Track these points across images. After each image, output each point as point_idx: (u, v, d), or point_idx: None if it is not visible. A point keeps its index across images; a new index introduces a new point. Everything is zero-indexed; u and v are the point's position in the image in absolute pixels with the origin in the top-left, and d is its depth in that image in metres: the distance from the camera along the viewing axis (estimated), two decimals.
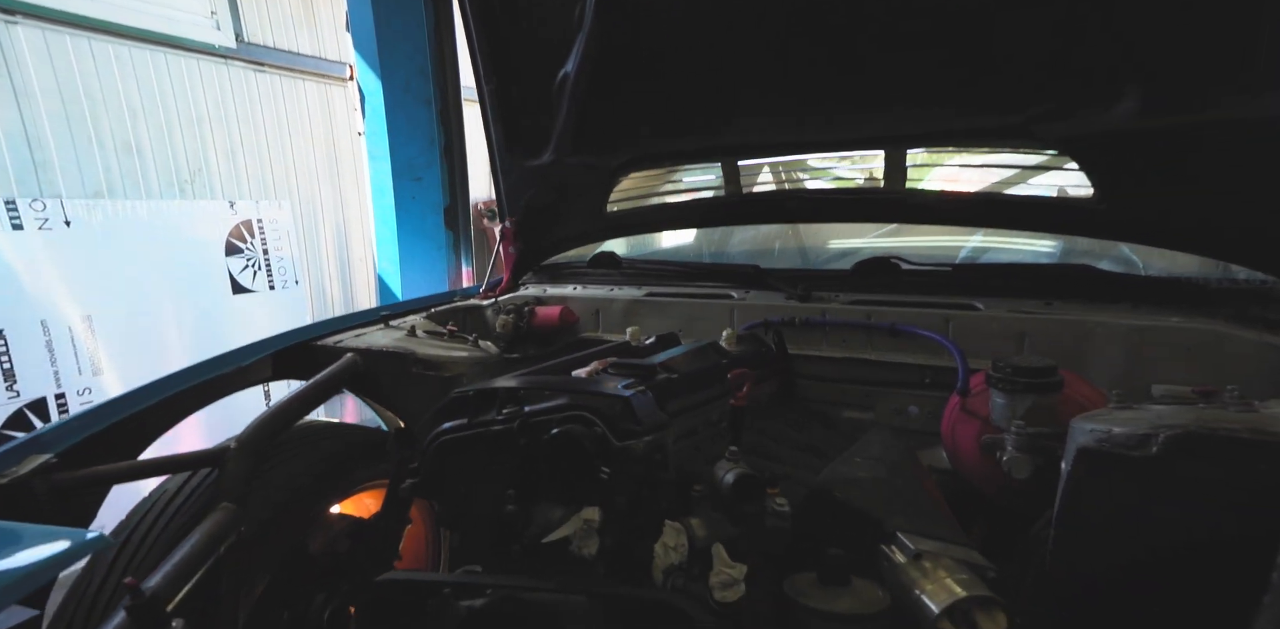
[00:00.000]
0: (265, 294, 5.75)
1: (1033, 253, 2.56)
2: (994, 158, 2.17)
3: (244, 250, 5.56)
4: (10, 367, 3.91)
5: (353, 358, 1.84)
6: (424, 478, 1.14)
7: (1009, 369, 1.41)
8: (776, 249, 3.18)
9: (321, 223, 6.25)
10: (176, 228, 4.85)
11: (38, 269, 4.07)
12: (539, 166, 2.74)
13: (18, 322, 3.97)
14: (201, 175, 5.09)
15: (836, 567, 0.95)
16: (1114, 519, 1.05)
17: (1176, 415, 1.05)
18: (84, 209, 4.28)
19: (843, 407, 2.03)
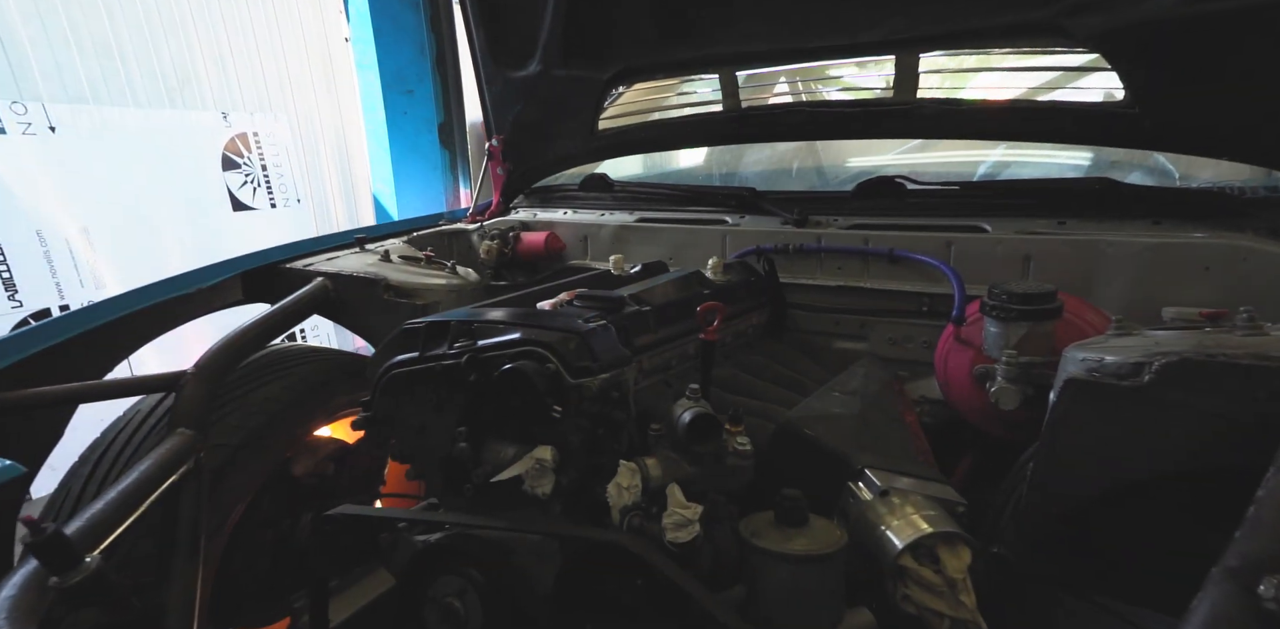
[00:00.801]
0: (267, 212, 5.65)
1: (1061, 167, 2.38)
2: (1016, 61, 1.96)
3: (241, 166, 5.41)
4: (10, 277, 3.92)
5: (323, 282, 1.78)
6: (374, 412, 1.11)
7: (1003, 295, 1.31)
8: (795, 169, 3.01)
9: (321, 138, 6.02)
10: (169, 139, 4.69)
11: (26, 177, 4.00)
12: (525, 78, 2.56)
13: (12, 231, 3.94)
14: (191, 84, 4.86)
15: (792, 507, 0.91)
16: (1098, 452, 1.01)
17: (1176, 341, 0.98)
18: (68, 115, 4.13)
19: (836, 337, 1.96)
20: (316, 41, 5.43)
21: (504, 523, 0.96)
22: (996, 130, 2.00)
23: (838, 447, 1.07)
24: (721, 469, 0.98)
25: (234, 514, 1.62)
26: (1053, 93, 1.94)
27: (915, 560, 0.95)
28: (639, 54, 2.34)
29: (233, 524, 1.61)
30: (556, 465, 1.00)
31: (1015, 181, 2.07)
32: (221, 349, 1.46)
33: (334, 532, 1.01)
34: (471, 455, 0.99)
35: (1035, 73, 1.96)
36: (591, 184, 2.61)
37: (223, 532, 1.54)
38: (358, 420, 1.13)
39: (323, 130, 5.87)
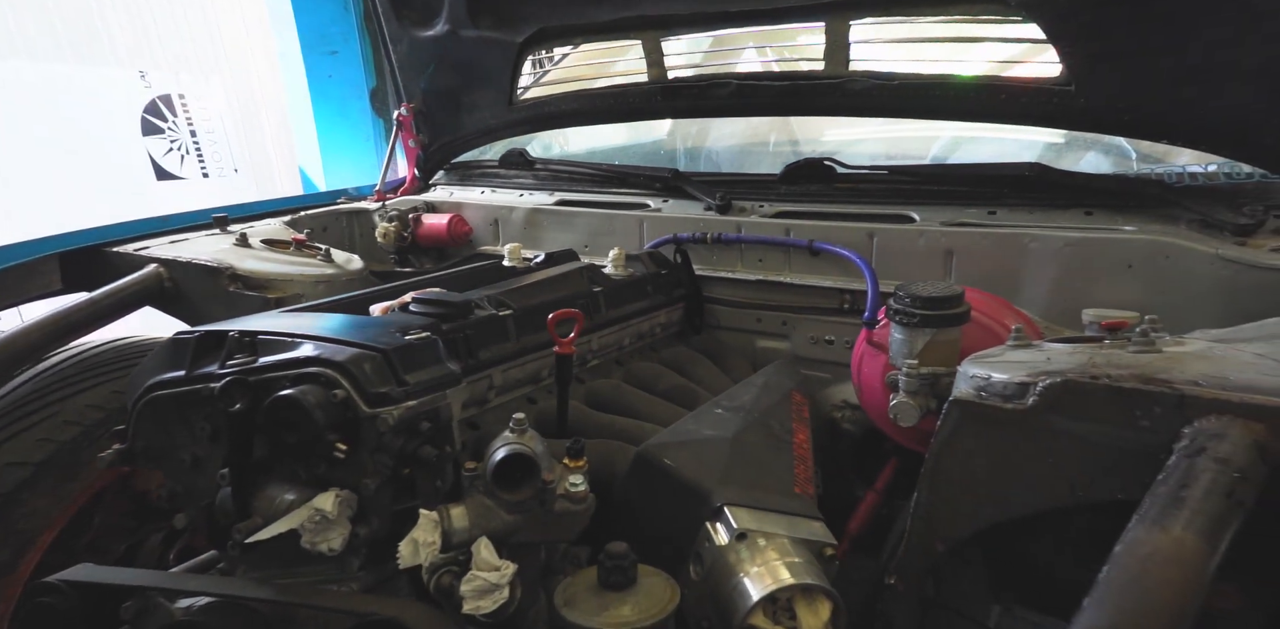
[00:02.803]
0: (198, 182, 5.26)
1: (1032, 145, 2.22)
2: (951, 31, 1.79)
3: (165, 131, 5.01)
4: None
5: (156, 270, 1.56)
6: (131, 443, 0.92)
7: (906, 298, 1.17)
8: (772, 144, 2.80)
9: (261, 103, 5.61)
10: (75, 98, 4.28)
11: None
12: (433, 39, 2.33)
13: None
14: (100, 37, 4.42)
15: (613, 568, 0.76)
16: (984, 483, 0.90)
17: (1066, 359, 0.88)
18: None
19: (758, 336, 1.81)
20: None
21: (263, 591, 0.79)
22: (929, 108, 1.84)
23: (696, 479, 0.92)
24: (547, 516, 0.82)
25: (37, 544, 1.41)
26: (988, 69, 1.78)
27: (769, 617, 0.82)
28: (554, 15, 2.12)
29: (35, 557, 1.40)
30: (353, 514, 0.82)
31: (944, 166, 1.92)
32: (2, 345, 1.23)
33: (59, 603, 0.82)
34: (236, 505, 0.81)
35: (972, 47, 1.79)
36: (510, 161, 2.40)
37: (15, 569, 1.32)
38: (108, 455, 0.93)
39: (262, 94, 5.46)
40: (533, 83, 2.36)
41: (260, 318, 0.98)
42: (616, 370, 1.38)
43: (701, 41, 2.09)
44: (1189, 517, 0.63)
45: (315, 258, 1.75)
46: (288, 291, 1.56)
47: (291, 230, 1.96)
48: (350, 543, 0.83)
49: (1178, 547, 0.61)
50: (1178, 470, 0.69)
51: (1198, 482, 0.66)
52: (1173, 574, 0.59)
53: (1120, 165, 1.94)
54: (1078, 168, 2.15)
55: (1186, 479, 0.67)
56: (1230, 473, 0.67)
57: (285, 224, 2.09)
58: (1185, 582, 0.58)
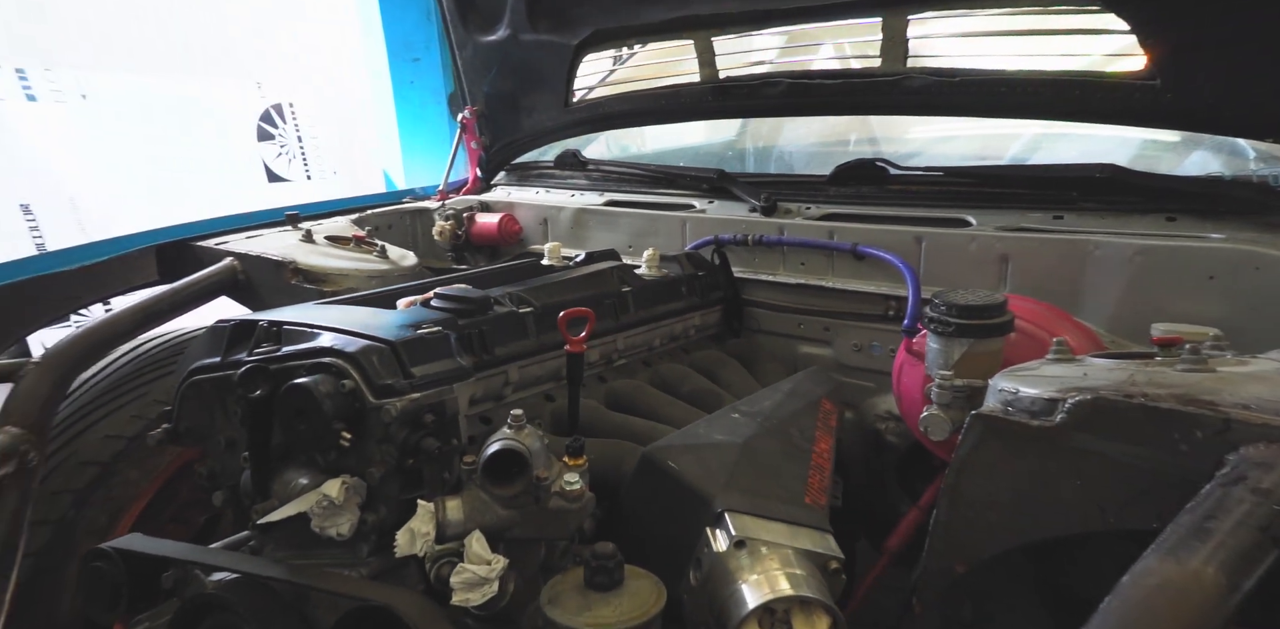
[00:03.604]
0: (303, 184, 5.63)
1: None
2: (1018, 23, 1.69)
3: (276, 137, 5.39)
4: (43, 243, 3.97)
5: (231, 263, 1.68)
6: (176, 424, 0.99)
7: (943, 306, 1.11)
8: (851, 142, 2.73)
9: (356, 109, 5.92)
10: (202, 108, 4.67)
11: (58, 144, 4.03)
12: (496, 43, 2.40)
13: (46, 199, 3.98)
14: (225, 52, 4.80)
15: (598, 569, 0.76)
16: (1006, 502, 0.86)
17: (1104, 375, 0.82)
18: (99, 82, 4.13)
19: (800, 341, 1.76)
20: (352, 7, 5.31)
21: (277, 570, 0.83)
22: (994, 106, 1.74)
23: (699, 484, 0.91)
24: (542, 513, 0.83)
25: (130, 512, 1.55)
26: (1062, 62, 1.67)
27: (764, 627, 0.80)
28: (608, 17, 2.14)
29: (127, 523, 1.54)
30: (363, 501, 0.86)
31: (1005, 167, 1.81)
32: (80, 337, 1.34)
33: (107, 569, 0.89)
34: (255, 487, 0.86)
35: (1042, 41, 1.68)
36: (564, 162, 2.44)
37: (111, 532, 1.46)
38: (156, 433, 1.01)
39: (357, 101, 5.77)
40: (598, 83, 2.39)
41: (295, 309, 1.04)
42: (643, 371, 1.37)
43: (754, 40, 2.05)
44: (1212, 549, 0.57)
45: (371, 254, 1.84)
46: (343, 285, 1.64)
47: (355, 228, 2.06)
48: (359, 529, 0.87)
49: (1192, 580, 0.55)
50: (1209, 499, 0.63)
51: (1229, 513, 0.60)
52: (1183, 610, 0.54)
53: (1234, 166, 1.77)
54: (1181, 169, 1.98)
55: (1216, 509, 0.61)
56: (1270, 506, 0.60)
57: (351, 222, 2.20)
58: (1196, 618, 0.53)
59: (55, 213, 4.08)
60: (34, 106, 3.92)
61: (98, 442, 1.53)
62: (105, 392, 1.61)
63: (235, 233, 2.01)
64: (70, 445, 1.54)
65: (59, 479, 1.55)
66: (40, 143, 3.97)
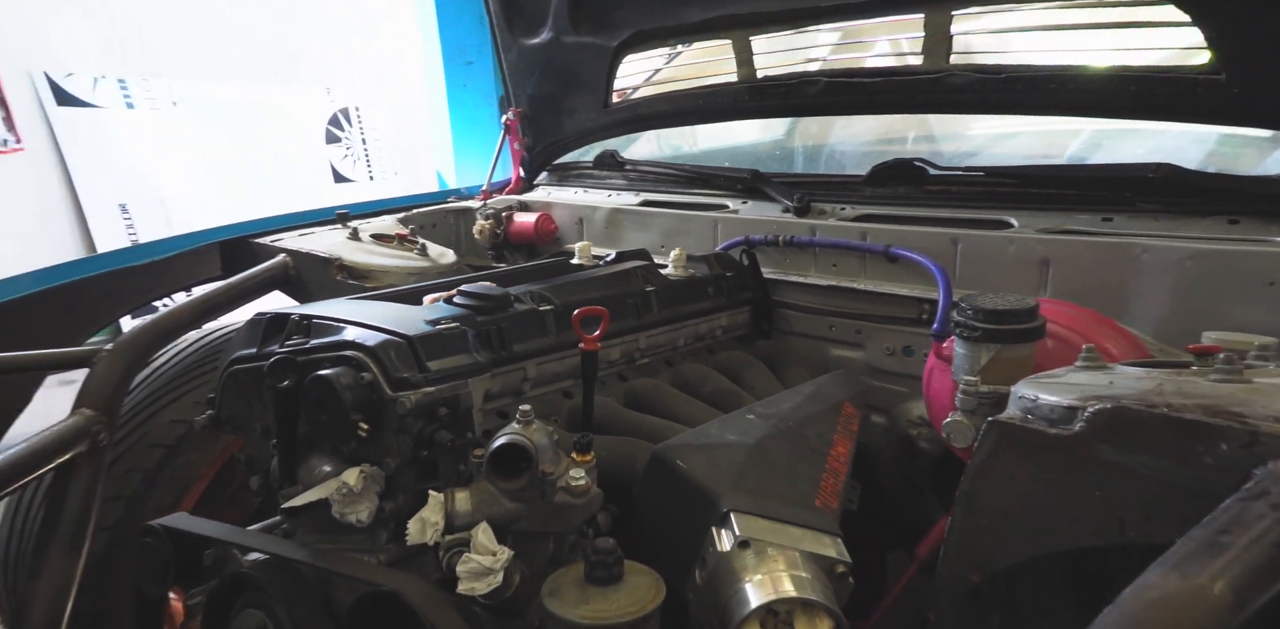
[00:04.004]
0: (365, 184, 5.87)
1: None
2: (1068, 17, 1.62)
3: (343, 139, 5.64)
4: (136, 238, 4.26)
5: (284, 259, 1.77)
6: (218, 411, 1.05)
7: (969, 310, 1.08)
8: (910, 140, 2.68)
9: (415, 113, 6.15)
10: (277, 113, 4.96)
11: (151, 148, 4.35)
12: (539, 46, 2.45)
13: (140, 198, 4.29)
14: (298, 60, 5.07)
15: (597, 563, 0.77)
16: (1021, 512, 0.83)
17: (1131, 383, 0.79)
18: (188, 90, 4.44)
19: (831, 344, 1.74)
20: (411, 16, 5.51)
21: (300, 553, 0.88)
22: (1043, 104, 1.68)
23: (706, 483, 0.91)
24: (547, 507, 0.85)
25: (192, 491, 1.66)
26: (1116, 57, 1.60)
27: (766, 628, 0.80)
28: (648, 17, 2.16)
29: (190, 502, 1.65)
30: (382, 490, 0.90)
31: (1049, 167, 1.74)
32: (148, 327, 1.44)
33: (156, 545, 0.96)
34: (282, 473, 0.91)
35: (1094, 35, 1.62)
36: (602, 162, 2.47)
37: (176, 510, 1.57)
38: (200, 419, 1.07)
39: (415, 105, 5.98)
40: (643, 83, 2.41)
41: (328, 304, 1.09)
42: (665, 370, 1.38)
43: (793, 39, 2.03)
44: (1222, 565, 0.54)
45: (412, 252, 1.90)
46: (384, 282, 1.71)
47: (400, 226, 2.13)
48: (377, 516, 0.90)
49: (1195, 596, 0.52)
50: (1225, 514, 0.59)
51: (1246, 528, 0.57)
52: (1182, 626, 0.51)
53: None
54: (1262, 169, 1.87)
55: (1232, 524, 0.58)
56: None
57: (397, 221, 2.27)
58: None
59: (148, 211, 4.39)
60: (132, 113, 4.26)
61: (165, 425, 1.65)
62: (172, 379, 1.73)
63: (290, 230, 2.11)
64: (141, 428, 1.67)
65: (131, 459, 1.68)
66: (136, 147, 4.30)
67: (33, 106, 3.85)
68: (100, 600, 1.59)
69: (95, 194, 4.16)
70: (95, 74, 4.11)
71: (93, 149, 4.13)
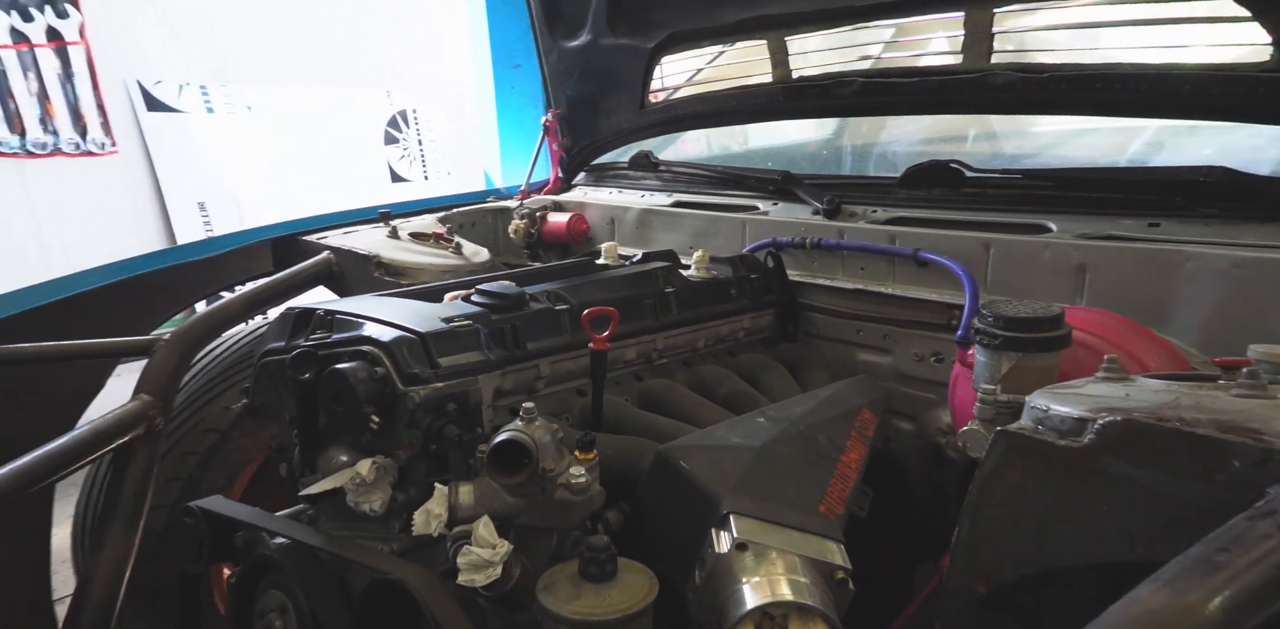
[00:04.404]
0: (420, 184, 6.07)
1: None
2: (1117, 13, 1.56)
3: (400, 140, 5.85)
4: (212, 233, 4.54)
5: (327, 256, 1.84)
6: (253, 399, 1.10)
7: (990, 317, 1.05)
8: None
9: (470, 114, 6.32)
10: (341, 115, 5.21)
11: (228, 150, 4.65)
12: (578, 49, 2.48)
13: (217, 198, 4.59)
14: (359, 64, 5.30)
15: (590, 560, 0.79)
16: (1028, 525, 0.82)
17: (1149, 395, 0.77)
18: (262, 95, 4.72)
19: (858, 348, 1.71)
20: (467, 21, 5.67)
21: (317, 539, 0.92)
22: (1090, 103, 1.61)
23: (709, 484, 0.91)
24: (548, 504, 0.87)
25: (243, 475, 1.75)
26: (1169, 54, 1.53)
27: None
28: (683, 19, 2.17)
29: (241, 486, 1.74)
30: (395, 481, 0.93)
31: (1092, 170, 1.67)
32: (200, 319, 1.53)
33: (193, 525, 1.02)
34: (302, 462, 0.95)
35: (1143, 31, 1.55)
36: (638, 162, 2.49)
37: (230, 492, 1.66)
38: (236, 407, 1.13)
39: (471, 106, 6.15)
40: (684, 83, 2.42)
41: (354, 300, 1.14)
42: (683, 371, 1.39)
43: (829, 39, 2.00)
44: (1217, 584, 0.52)
45: (448, 250, 1.96)
46: (419, 279, 1.76)
47: (438, 225, 2.19)
48: (390, 507, 0.94)
49: (1184, 614, 0.50)
50: (1228, 532, 0.57)
51: (1247, 548, 0.54)
52: None
53: None
54: None
55: (1233, 542, 0.55)
56: None
57: (437, 220, 2.34)
58: None
59: (223, 208, 4.68)
60: (211, 118, 4.56)
61: (218, 412, 1.76)
62: (226, 368, 1.84)
63: (336, 228, 2.20)
64: (198, 414, 1.78)
65: (188, 442, 1.80)
66: (214, 149, 4.60)
67: (126, 112, 4.18)
68: (157, 577, 1.70)
69: (178, 192, 4.47)
70: (180, 81, 4.41)
71: (176, 151, 4.44)
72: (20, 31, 3.71)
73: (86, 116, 3.98)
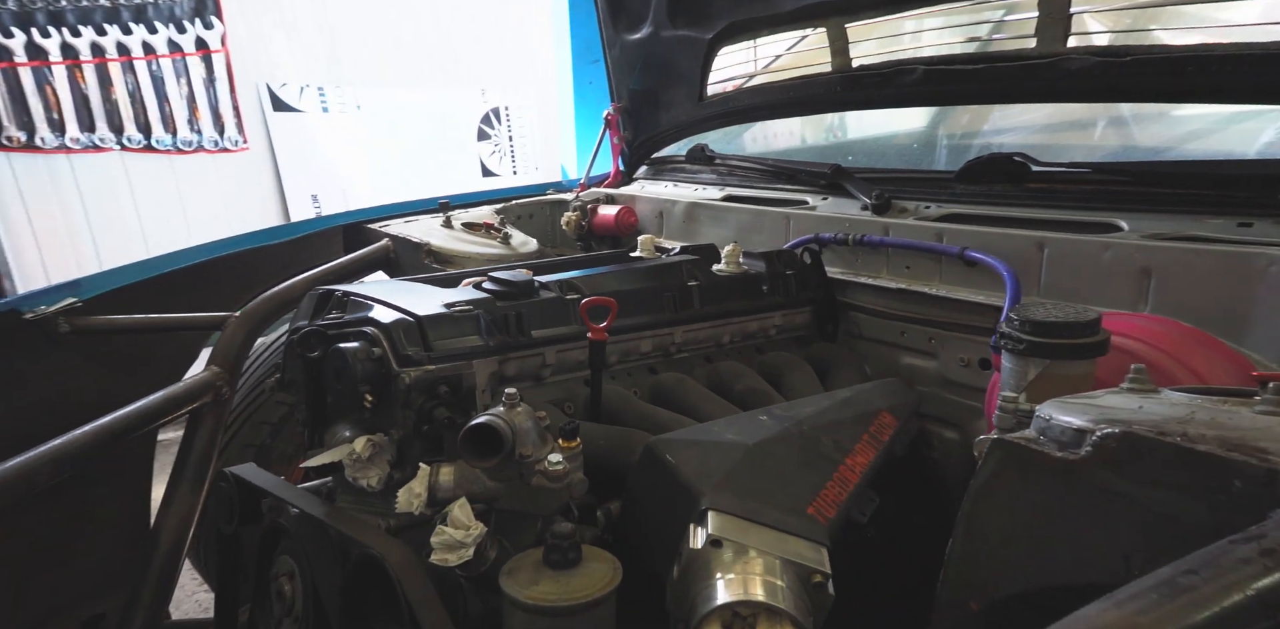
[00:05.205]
0: (509, 178, 6.32)
1: None
2: None
3: (492, 136, 6.11)
4: None
5: (386, 243, 1.94)
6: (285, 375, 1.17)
7: (1016, 320, 0.97)
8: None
9: (557, 110, 6.50)
10: (439, 113, 5.56)
11: (339, 146, 5.09)
12: (640, 42, 2.49)
13: (330, 191, 5.02)
14: (458, 64, 5.61)
15: (552, 547, 0.79)
16: (1022, 539, 0.77)
17: (1163, 409, 0.71)
18: (370, 95, 5.13)
19: (903, 351, 1.62)
20: (552, 18, 5.83)
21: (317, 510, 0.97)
22: (1177, 89, 1.46)
23: (691, 479, 0.90)
24: (525, 489, 0.88)
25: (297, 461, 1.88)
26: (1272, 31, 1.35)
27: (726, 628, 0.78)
28: (743, 8, 2.12)
29: (297, 474, 1.87)
30: (393, 458, 0.97)
31: (1169, 164, 1.50)
32: (266, 299, 1.65)
33: (227, 489, 1.10)
34: (310, 437, 1.00)
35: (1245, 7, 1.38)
36: (694, 156, 2.47)
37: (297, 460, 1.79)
38: (272, 381, 1.21)
39: (558, 102, 6.32)
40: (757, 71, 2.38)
41: (373, 284, 1.19)
42: (702, 366, 1.36)
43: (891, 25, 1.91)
44: (1175, 609, 0.45)
45: (496, 240, 2.01)
46: (465, 266, 1.83)
47: (490, 216, 2.26)
48: (388, 483, 0.98)
49: None
50: (1205, 554, 0.50)
51: (1219, 573, 0.47)
52: None
53: None
54: None
55: (1206, 564, 0.48)
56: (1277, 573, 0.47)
57: (495, 211, 2.41)
58: None
59: (333, 200, 5.09)
60: (326, 117, 5.01)
61: None
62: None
63: (398, 217, 2.31)
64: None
65: (263, 413, 1.95)
66: (327, 145, 5.04)
67: (256, 112, 4.66)
68: None
69: (295, 185, 4.96)
70: (301, 83, 4.85)
71: (296, 147, 4.92)
72: (175, 42, 4.23)
73: (224, 116, 4.45)
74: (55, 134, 3.90)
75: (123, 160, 4.18)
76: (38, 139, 3.85)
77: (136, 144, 4.17)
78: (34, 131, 3.84)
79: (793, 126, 3.31)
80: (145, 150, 4.21)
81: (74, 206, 4.07)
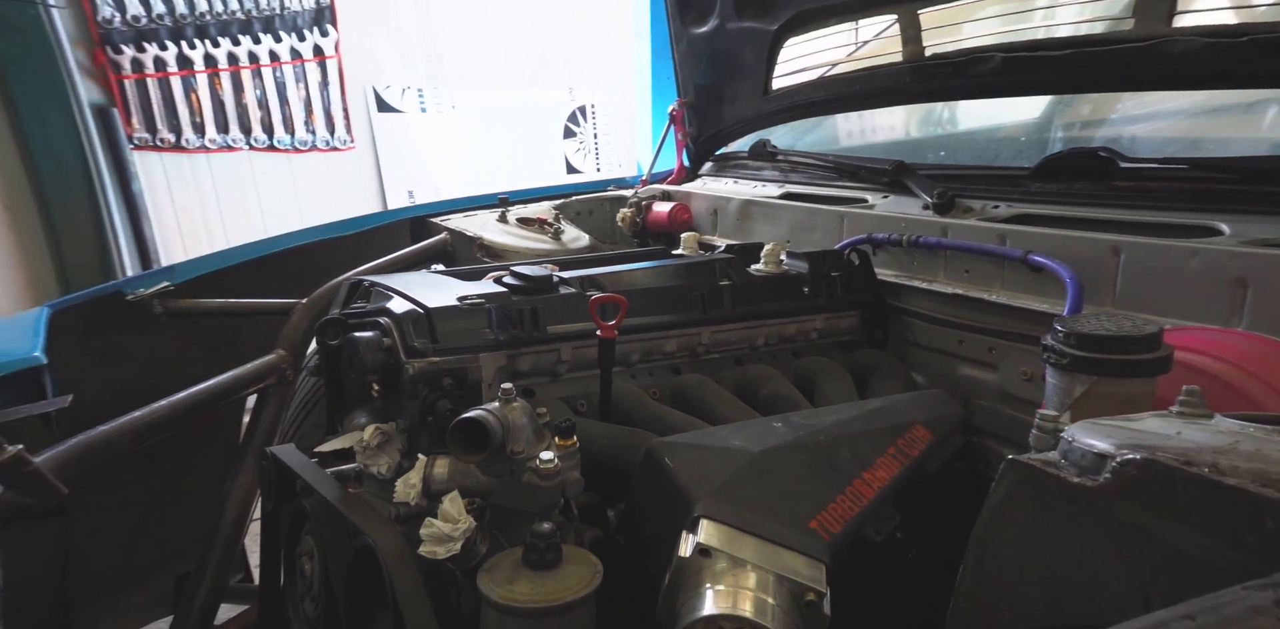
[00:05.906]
0: (592, 175, 6.46)
1: None
2: None
3: (577, 134, 6.27)
4: None
5: (444, 236, 2.00)
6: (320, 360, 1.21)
7: (1060, 332, 0.87)
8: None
9: (640, 108, 6.58)
10: (529, 112, 5.79)
11: (434, 144, 5.42)
12: (705, 35, 2.45)
13: (423, 187, 5.36)
14: (546, 65, 5.82)
15: (530, 547, 0.77)
16: (1036, 569, 0.70)
17: (1204, 437, 0.63)
18: (464, 95, 5.43)
19: (960, 361, 1.50)
20: (634, 16, 5.89)
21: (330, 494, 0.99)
22: None
23: (688, 485, 0.86)
24: (516, 485, 0.87)
25: None
26: None
27: None
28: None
29: None
30: (404, 447, 0.99)
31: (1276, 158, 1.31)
32: (330, 288, 1.75)
33: (265, 467, 1.15)
34: (329, 423, 1.04)
35: None
36: (756, 152, 2.40)
37: None
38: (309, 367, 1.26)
39: (642, 100, 6.40)
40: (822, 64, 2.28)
41: (400, 276, 1.22)
42: (731, 369, 1.31)
43: (967, 11, 1.77)
44: None
45: (547, 235, 2.03)
46: (514, 261, 1.85)
47: (546, 212, 2.28)
48: (398, 472, 1.00)
49: None
50: (1212, 600, 0.43)
51: (1226, 620, 0.40)
52: None
53: None
54: None
55: (1209, 610, 0.41)
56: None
57: (553, 207, 2.43)
58: None
59: (427, 196, 5.40)
60: (424, 117, 5.34)
61: None
62: None
63: (459, 212, 2.37)
64: None
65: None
66: (424, 144, 5.37)
67: (362, 113, 5.01)
68: None
69: (394, 182, 5.31)
70: (403, 85, 5.17)
71: (396, 146, 5.27)
72: (296, 50, 4.63)
73: (335, 118, 4.83)
74: (197, 135, 4.36)
75: (249, 159, 4.62)
76: (184, 140, 4.32)
77: (261, 144, 4.60)
78: (180, 134, 4.30)
79: (894, 120, 3.11)
80: (268, 150, 4.64)
81: (210, 201, 4.55)
